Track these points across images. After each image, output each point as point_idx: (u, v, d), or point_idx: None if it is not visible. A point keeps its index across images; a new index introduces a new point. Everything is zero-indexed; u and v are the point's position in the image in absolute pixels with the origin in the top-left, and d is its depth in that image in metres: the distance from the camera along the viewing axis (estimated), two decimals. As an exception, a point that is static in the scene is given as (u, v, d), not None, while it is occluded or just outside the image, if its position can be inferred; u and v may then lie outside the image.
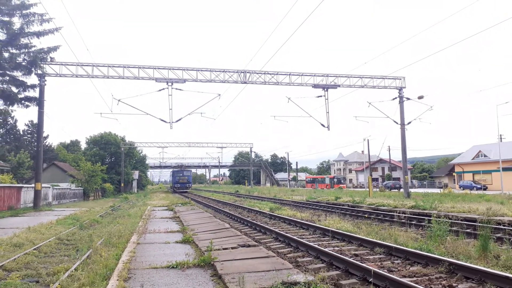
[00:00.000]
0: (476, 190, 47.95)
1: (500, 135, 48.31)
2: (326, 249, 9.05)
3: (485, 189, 49.51)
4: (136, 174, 77.77)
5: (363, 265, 7.33)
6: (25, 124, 66.48)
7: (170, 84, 26.76)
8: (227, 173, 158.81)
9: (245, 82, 28.28)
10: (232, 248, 9.00)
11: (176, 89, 27.00)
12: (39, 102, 25.94)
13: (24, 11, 25.62)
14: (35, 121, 40.97)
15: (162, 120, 27.58)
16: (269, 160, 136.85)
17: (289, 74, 28.82)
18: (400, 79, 31.24)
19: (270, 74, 28.60)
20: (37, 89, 26.34)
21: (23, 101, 27.19)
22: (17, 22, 25.71)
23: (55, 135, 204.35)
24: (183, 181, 66.97)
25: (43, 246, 10.04)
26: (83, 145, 69.76)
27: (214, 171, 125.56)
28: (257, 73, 28.39)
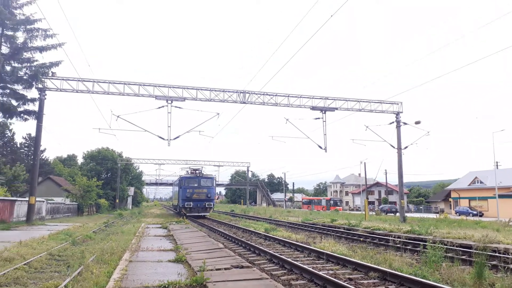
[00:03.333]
0: (472, 216, 47.78)
1: (496, 162, 48.46)
2: (320, 272, 8.97)
3: (481, 216, 49.36)
4: (131, 190, 77.26)
5: (357, 289, 7.27)
6: (23, 137, 66.26)
7: (169, 102, 26.93)
8: (223, 192, 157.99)
9: (244, 102, 28.49)
10: (225, 268, 8.91)
11: (176, 107, 27.17)
12: (38, 115, 26.00)
13: (28, 26, 26.03)
14: (33, 134, 40.91)
15: (160, 137, 27.62)
16: (266, 180, 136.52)
17: (288, 96, 29.09)
18: (398, 104, 31.56)
19: (269, 95, 28.86)
20: (37, 103, 26.45)
21: (22, 114, 27.31)
22: (20, 36, 26.12)
23: (52, 149, 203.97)
24: (199, 197, 37.03)
25: (34, 261, 9.91)
26: (80, 160, 69.61)
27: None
28: (256, 94, 28.64)
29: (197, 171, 39.16)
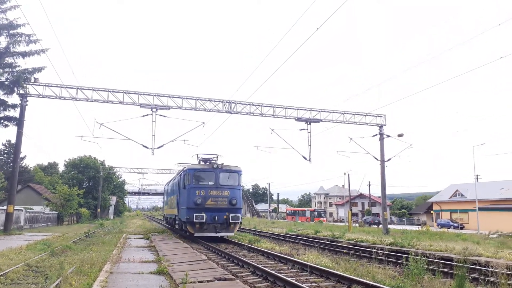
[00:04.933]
0: (453, 228, 48.48)
1: (477, 175, 49.49)
2: (303, 285, 8.93)
3: (462, 228, 50.13)
4: (113, 199, 76.04)
5: (340, 302, 7.25)
6: (2, 143, 64.63)
7: (154, 110, 26.70)
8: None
9: (229, 112, 28.48)
10: (208, 281, 8.80)
11: (161, 115, 26.95)
12: (19, 122, 25.44)
13: (11, 31, 25.62)
14: (13, 141, 40.05)
15: (144, 145, 27.28)
16: (251, 190, 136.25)
17: (273, 107, 29.22)
18: (381, 116, 32.01)
19: (255, 105, 28.94)
20: (18, 109, 25.91)
21: (2, 121, 26.71)
22: (3, 41, 25.66)
23: (32, 156, 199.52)
24: (217, 205, 20.42)
25: (10, 272, 9.61)
26: (61, 168, 68.27)
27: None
28: (242, 104, 28.69)
29: (213, 160, 22.48)
